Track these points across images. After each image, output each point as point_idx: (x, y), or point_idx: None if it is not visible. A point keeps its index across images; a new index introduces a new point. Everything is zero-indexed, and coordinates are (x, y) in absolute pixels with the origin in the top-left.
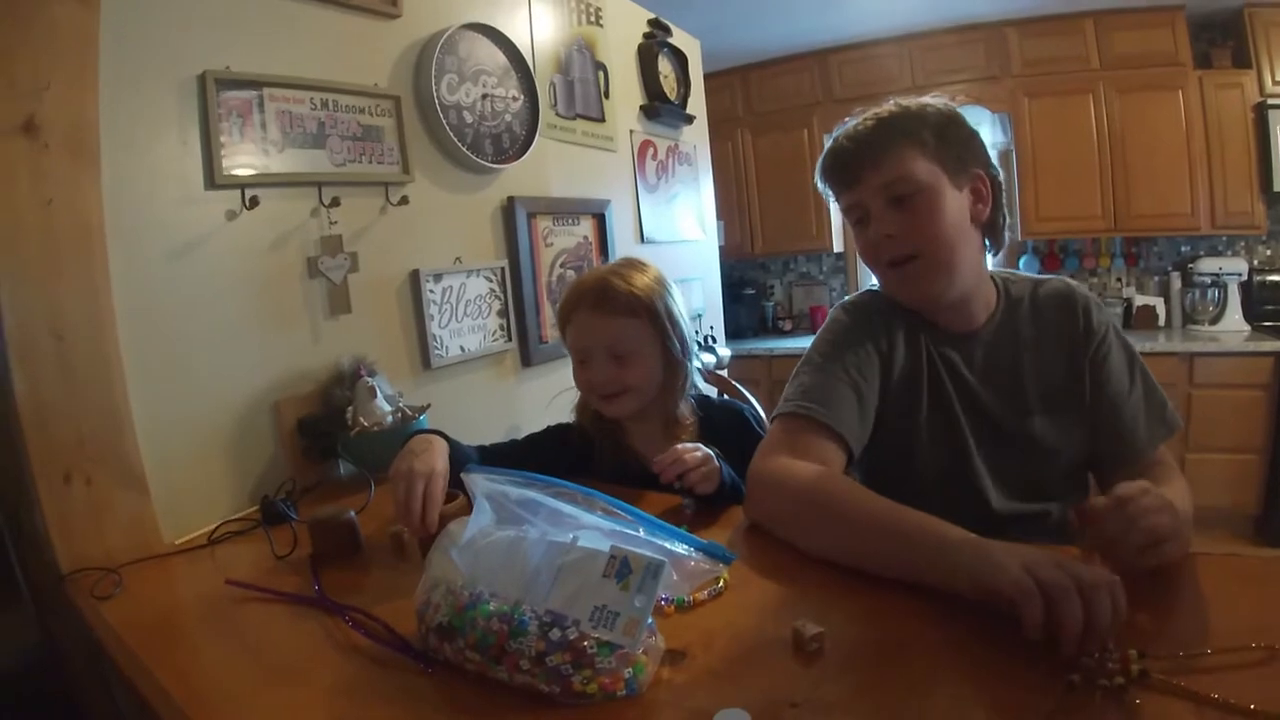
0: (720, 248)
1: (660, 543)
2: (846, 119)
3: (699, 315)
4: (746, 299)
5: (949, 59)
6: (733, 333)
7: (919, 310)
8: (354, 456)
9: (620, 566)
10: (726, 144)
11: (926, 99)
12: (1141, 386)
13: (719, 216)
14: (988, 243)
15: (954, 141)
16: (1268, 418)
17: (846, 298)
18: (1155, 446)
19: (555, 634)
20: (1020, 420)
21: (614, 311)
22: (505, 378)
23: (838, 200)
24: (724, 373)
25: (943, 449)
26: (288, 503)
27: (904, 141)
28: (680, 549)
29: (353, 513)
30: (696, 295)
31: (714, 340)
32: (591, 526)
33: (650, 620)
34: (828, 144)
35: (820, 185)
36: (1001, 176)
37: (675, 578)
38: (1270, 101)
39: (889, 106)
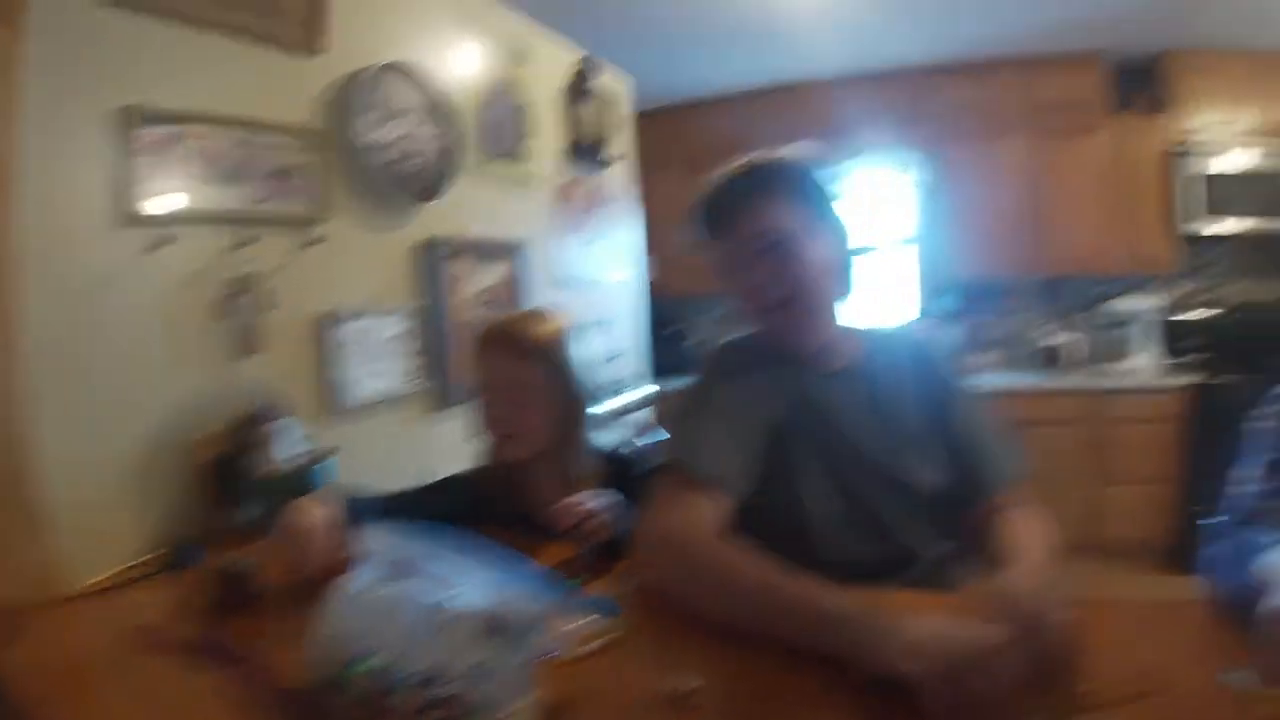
0: (652, 284)
1: (542, 598)
2: (715, 172)
3: (620, 356)
4: (670, 338)
5: (875, 103)
6: (657, 371)
7: (791, 352)
8: (262, 499)
9: (497, 624)
10: (657, 182)
11: (790, 149)
12: (990, 429)
13: (653, 254)
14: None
15: (817, 189)
16: (1180, 450)
17: (718, 343)
18: (1007, 485)
19: (432, 691)
20: (891, 459)
21: (513, 354)
22: (420, 420)
23: (708, 250)
24: (647, 411)
25: (821, 487)
26: (196, 547)
27: (771, 190)
28: (563, 604)
29: (254, 560)
30: (618, 337)
31: (633, 381)
32: (475, 582)
33: (530, 675)
34: (696, 197)
35: (691, 237)
36: (847, 226)
37: (557, 632)
38: (1185, 145)
39: (755, 157)
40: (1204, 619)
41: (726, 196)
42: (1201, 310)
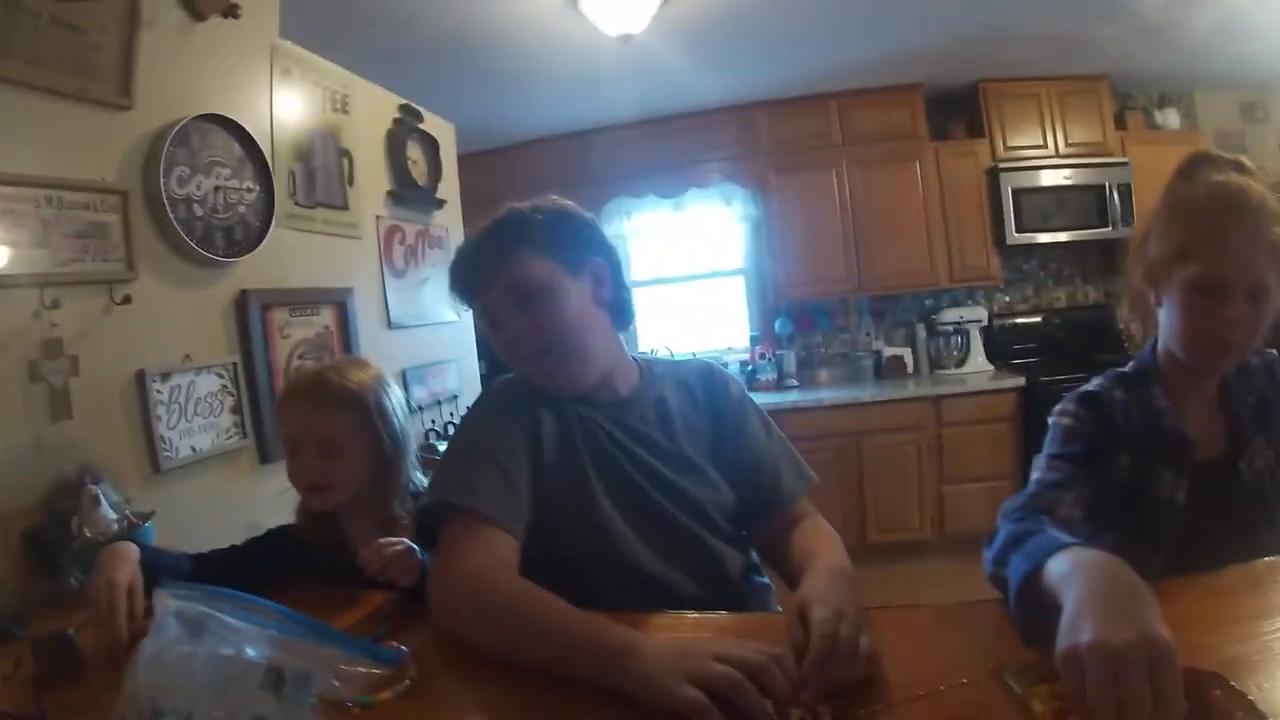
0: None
1: (325, 649)
2: (465, 235)
3: (455, 397)
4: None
5: (702, 139)
6: None
7: (565, 393)
8: (81, 567)
9: (275, 677)
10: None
11: (538, 200)
12: (779, 445)
13: None
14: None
15: (565, 235)
16: (1015, 447)
17: (494, 382)
18: (799, 498)
19: None
20: (681, 479)
21: (324, 403)
22: (242, 476)
23: (469, 307)
24: None
25: (621, 513)
26: (14, 620)
27: (518, 244)
28: (344, 654)
29: (72, 630)
30: (452, 377)
31: None
32: (263, 639)
33: None
34: (451, 262)
35: (452, 299)
36: (620, 257)
37: (336, 683)
38: (1001, 165)
39: (501, 212)
40: (998, 615)
41: (476, 255)
42: (1025, 317)
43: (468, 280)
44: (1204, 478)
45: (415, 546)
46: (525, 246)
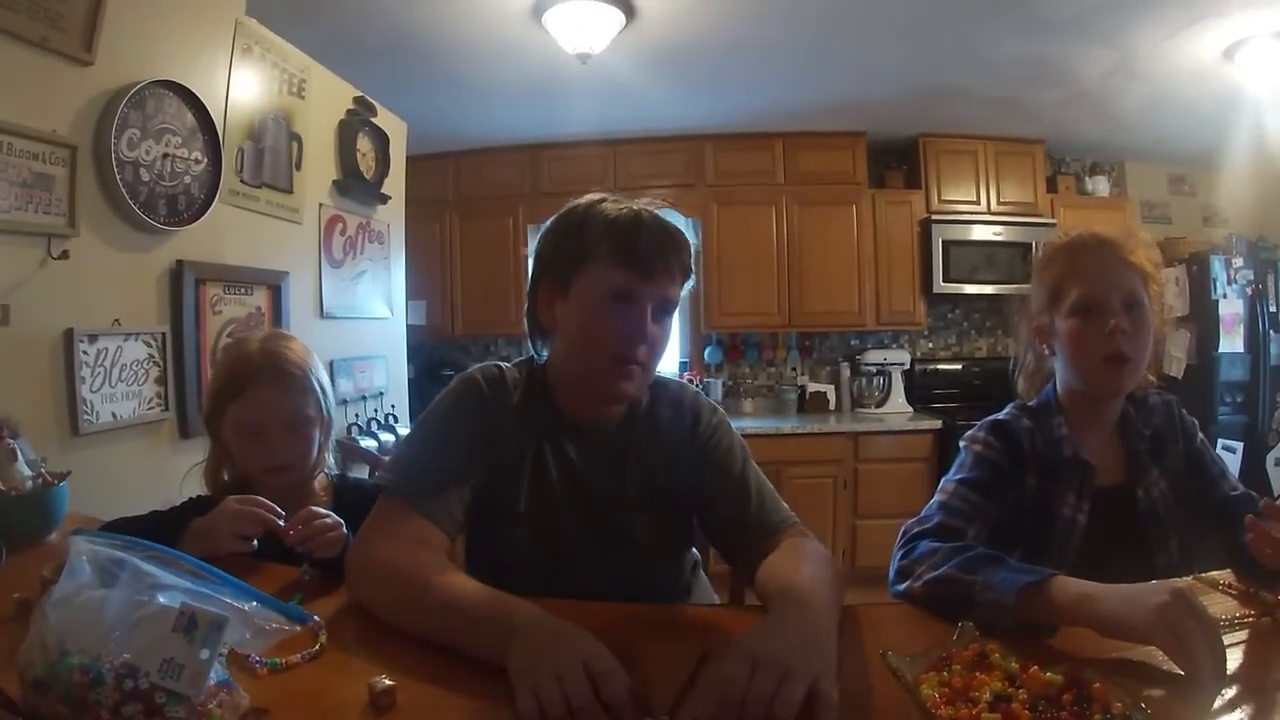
0: (421, 327)
1: (237, 603)
2: (643, 200)
3: (381, 394)
4: (446, 379)
5: (650, 164)
6: None
7: (568, 393)
8: None
9: (188, 621)
10: (434, 225)
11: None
12: (755, 484)
13: (420, 297)
14: None
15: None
16: (929, 486)
17: (472, 368)
18: (788, 526)
19: (128, 684)
20: (625, 514)
21: (292, 385)
22: (161, 448)
23: (602, 273)
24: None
25: (542, 535)
26: None
27: (689, 265)
28: (258, 609)
29: None
30: (380, 374)
31: (395, 420)
32: (174, 586)
33: (226, 676)
34: (619, 211)
35: (591, 240)
36: None
37: (249, 635)
38: (934, 217)
39: (663, 216)
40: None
41: (661, 243)
42: (946, 363)
43: (649, 262)
44: (1104, 501)
45: (341, 521)
46: (690, 266)
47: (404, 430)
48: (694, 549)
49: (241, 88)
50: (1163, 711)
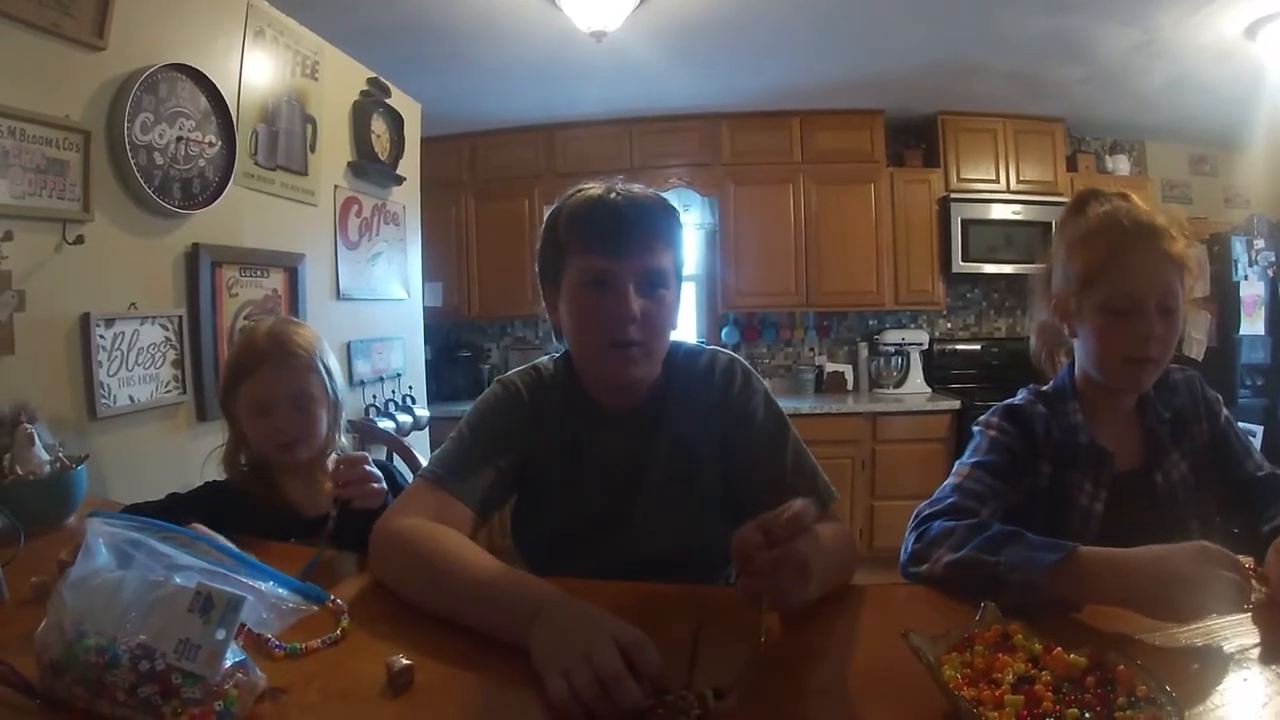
0: (437, 309)
1: (254, 583)
2: (617, 183)
3: (398, 375)
4: (463, 361)
5: (666, 144)
6: (449, 394)
7: (606, 388)
8: (7, 506)
9: (204, 602)
10: (450, 208)
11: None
12: (795, 446)
13: (437, 278)
14: None
15: (683, 236)
16: (946, 467)
17: (507, 374)
18: (827, 504)
19: (144, 665)
20: (661, 492)
21: (295, 364)
22: (178, 431)
23: (578, 263)
24: (424, 432)
25: (581, 518)
26: None
27: (671, 233)
28: (274, 589)
29: (1, 566)
30: (397, 355)
31: (412, 401)
32: (191, 566)
33: (244, 657)
34: (584, 198)
35: (562, 236)
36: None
37: (266, 615)
38: (953, 196)
39: (644, 189)
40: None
41: (629, 217)
42: (964, 343)
43: (617, 238)
44: (1122, 488)
45: (383, 479)
46: (674, 234)
47: (421, 412)
48: None
49: (254, 70)
50: (1187, 694)
